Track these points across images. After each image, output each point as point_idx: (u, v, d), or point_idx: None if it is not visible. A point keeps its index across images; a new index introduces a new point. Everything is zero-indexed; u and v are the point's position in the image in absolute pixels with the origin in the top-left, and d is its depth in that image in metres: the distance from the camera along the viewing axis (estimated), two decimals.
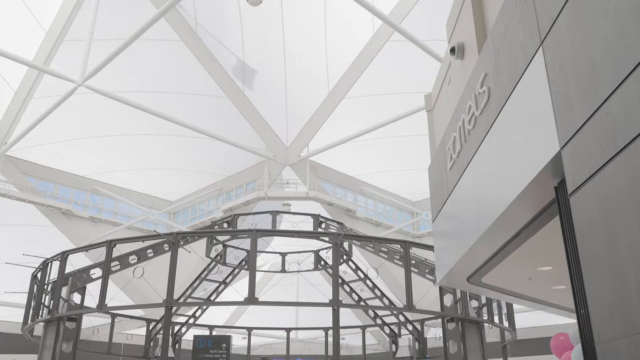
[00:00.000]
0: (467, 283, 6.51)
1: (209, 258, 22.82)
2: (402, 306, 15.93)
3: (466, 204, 5.53)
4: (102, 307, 15.93)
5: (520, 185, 4.07)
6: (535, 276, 6.20)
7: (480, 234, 5.19)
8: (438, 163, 6.52)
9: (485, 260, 5.84)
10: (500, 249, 5.49)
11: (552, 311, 8.42)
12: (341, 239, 16.53)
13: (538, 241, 5.24)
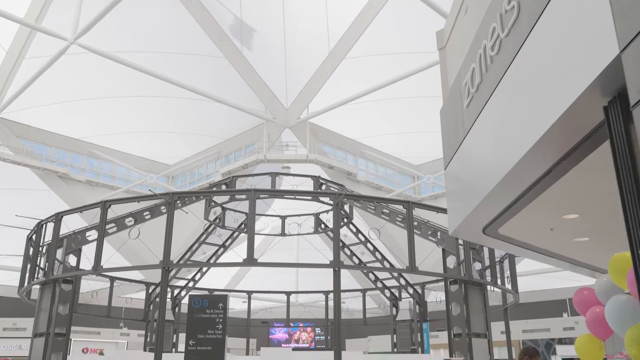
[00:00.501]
0: (482, 234, 5.94)
1: (207, 221, 22.35)
2: (405, 268, 15.46)
3: (486, 143, 4.92)
4: (97, 268, 15.47)
5: (557, 111, 3.45)
6: (558, 226, 5.62)
7: (502, 176, 4.59)
8: (452, 103, 5.88)
9: (504, 208, 5.26)
10: (524, 193, 4.90)
11: (574, 269, 7.90)
12: (342, 199, 15.97)
13: (566, 184, 4.65)
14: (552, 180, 4.58)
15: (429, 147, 29.98)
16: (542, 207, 5.21)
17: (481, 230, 5.87)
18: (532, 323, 31.05)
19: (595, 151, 3.95)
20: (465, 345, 16.27)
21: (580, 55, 3.16)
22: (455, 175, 5.88)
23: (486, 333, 17.18)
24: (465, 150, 5.48)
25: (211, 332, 9.15)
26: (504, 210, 5.37)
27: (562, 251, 6.42)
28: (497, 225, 5.70)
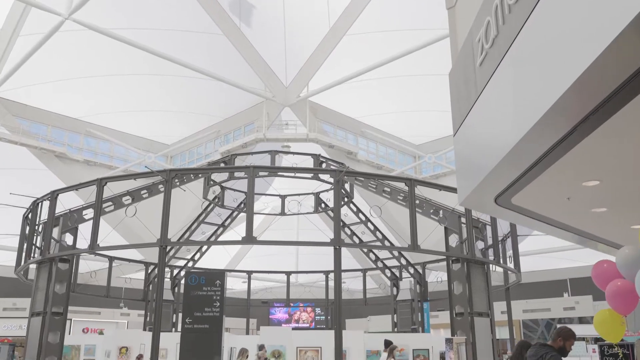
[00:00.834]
0: (494, 205, 5.55)
1: (206, 200, 22.00)
2: (407, 246, 15.14)
3: (501, 104, 4.52)
4: (94, 247, 15.14)
5: (589, 57, 3.04)
6: (576, 195, 5.24)
7: (518, 139, 4.21)
8: (463, 63, 5.46)
9: (519, 175, 4.87)
10: (541, 158, 4.51)
11: (586, 245, 7.56)
12: (343, 176, 15.59)
13: (587, 148, 4.26)
14: (574, 143, 4.20)
15: (431, 126, 29.55)
16: (560, 173, 4.83)
17: (493, 199, 5.49)
18: (532, 303, 30.88)
19: (620, 111, 3.56)
20: (467, 324, 16.01)
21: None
22: (465, 142, 5.48)
23: (488, 312, 16.92)
24: (477, 113, 5.08)
25: (208, 310, 8.83)
26: (519, 177, 4.99)
27: (578, 224, 6.05)
28: (510, 194, 5.31)
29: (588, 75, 3.11)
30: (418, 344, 18.76)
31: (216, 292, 8.96)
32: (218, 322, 8.83)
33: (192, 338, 8.74)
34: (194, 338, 8.74)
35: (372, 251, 25.26)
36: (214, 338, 8.75)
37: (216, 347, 8.69)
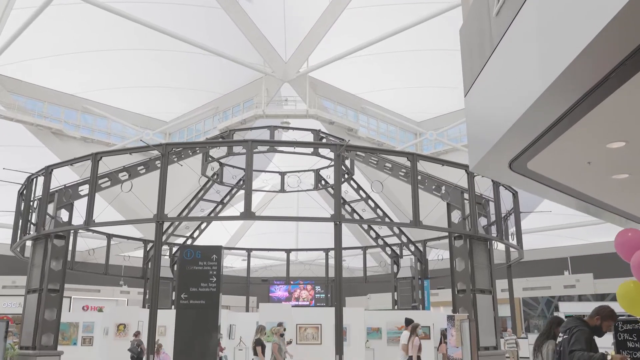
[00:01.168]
0: (507, 170, 5.14)
1: (205, 177, 21.61)
2: (409, 222, 14.77)
3: (519, 57, 4.09)
4: (89, 223, 14.78)
5: (614, 8, 2.63)
6: (598, 158, 4.83)
7: (537, 96, 3.79)
8: (476, 15, 5.01)
9: (539, 135, 4.45)
10: (562, 117, 4.10)
11: (601, 216, 7.17)
12: (344, 150, 15.17)
13: (616, 102, 3.84)
14: (602, 97, 3.78)
15: (432, 103, 29.04)
16: (583, 133, 4.41)
17: (507, 165, 5.07)
18: (533, 281, 30.72)
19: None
20: (469, 301, 15.72)
21: None
22: (478, 101, 5.05)
23: (491, 289, 16.63)
24: (492, 68, 4.64)
25: (205, 285, 8.48)
26: (537, 138, 4.57)
27: (595, 192, 5.65)
28: (526, 158, 4.89)
29: (627, 12, 2.69)
30: (419, 321, 18.47)
31: (212, 267, 8.60)
32: (215, 297, 8.48)
33: (187, 314, 8.40)
34: (189, 314, 8.40)
35: (372, 229, 24.93)
36: (211, 314, 8.41)
37: (213, 323, 8.35)
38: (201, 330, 8.34)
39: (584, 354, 4.68)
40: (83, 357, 19.08)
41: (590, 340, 4.84)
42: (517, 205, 19.10)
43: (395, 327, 18.39)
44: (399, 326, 18.57)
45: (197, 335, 8.31)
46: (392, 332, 18.40)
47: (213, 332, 8.34)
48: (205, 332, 8.34)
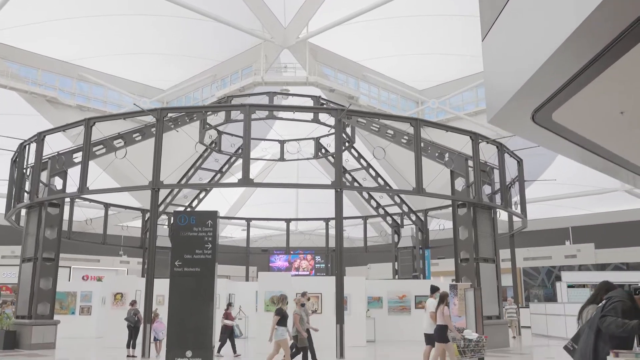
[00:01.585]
0: (530, 122, 4.61)
1: (202, 145, 21.07)
2: (411, 189, 14.30)
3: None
4: (83, 190, 14.31)
5: None
6: (633, 108, 4.30)
7: (575, 27, 3.25)
8: None
9: (569, 79, 3.91)
10: (599, 55, 3.56)
11: (617, 176, 6.67)
12: (345, 115, 14.60)
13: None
14: (635, 41, 3.27)
15: (434, 70, 28.29)
16: (618, 77, 3.88)
17: (530, 115, 4.53)
18: (533, 251, 30.41)
19: None
20: (472, 270, 15.37)
21: None
22: (498, 45, 4.50)
23: (494, 258, 16.28)
24: (515, 6, 4.08)
25: (200, 252, 8.04)
26: (566, 84, 4.03)
27: (626, 149, 5.14)
28: (552, 107, 4.36)
29: None
30: (420, 291, 18.21)
31: (207, 233, 8.13)
32: (210, 265, 8.03)
33: (182, 282, 7.97)
34: (184, 282, 7.97)
35: (373, 198, 24.51)
36: (206, 282, 7.98)
37: (209, 291, 7.92)
38: (196, 299, 7.92)
39: (617, 320, 4.19)
40: (81, 326, 18.84)
41: (629, 313, 4.29)
42: (522, 173, 18.63)
43: (396, 297, 18.11)
44: (400, 295, 18.31)
45: (193, 304, 7.89)
46: (392, 301, 18.12)
47: (209, 300, 7.92)
48: (200, 300, 7.92)
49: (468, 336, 9.93)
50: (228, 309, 13.60)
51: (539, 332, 20.14)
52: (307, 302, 11.50)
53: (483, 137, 16.18)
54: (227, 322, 13.30)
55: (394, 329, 17.71)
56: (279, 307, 10.08)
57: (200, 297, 7.92)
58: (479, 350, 9.93)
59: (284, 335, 9.92)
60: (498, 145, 16.67)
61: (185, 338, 7.80)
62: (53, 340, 14.96)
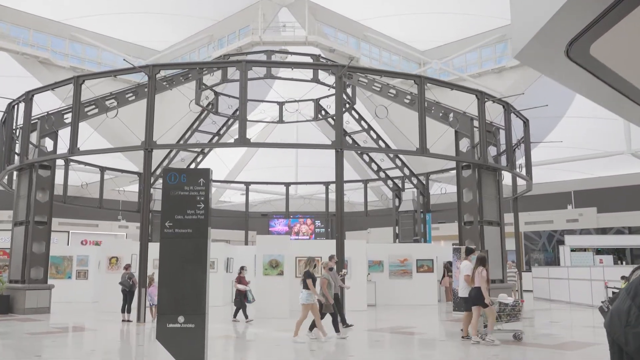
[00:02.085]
0: (563, 57, 3.90)
1: (199, 106, 20.33)
2: (415, 150, 13.68)
3: None
4: (73, 151, 13.69)
5: None
6: None
7: None
8: None
9: (612, 3, 3.23)
10: None
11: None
12: (346, 71, 13.89)
13: None
14: None
15: (437, 31, 27.28)
16: None
17: (564, 49, 3.83)
18: (535, 215, 29.95)
19: None
20: (476, 233, 14.87)
21: None
22: None
23: (499, 221, 15.78)
24: None
25: (191, 212, 7.46)
26: (611, 6, 3.34)
27: None
28: (591, 37, 3.66)
29: None
30: (422, 254, 17.81)
31: (200, 192, 7.54)
32: (203, 226, 7.47)
33: (173, 244, 7.42)
34: (175, 244, 7.42)
35: (374, 161, 23.93)
36: (199, 244, 7.43)
37: (202, 254, 7.38)
38: (188, 262, 7.38)
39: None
40: (78, 291, 18.49)
41: None
42: (528, 133, 17.98)
43: (397, 260, 17.69)
44: (401, 259, 17.90)
45: (184, 267, 7.36)
46: (394, 265, 17.71)
47: (202, 264, 7.39)
48: (193, 264, 7.38)
49: (503, 301, 9.53)
50: (241, 273, 13.11)
51: (541, 296, 19.83)
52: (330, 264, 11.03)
53: (489, 96, 15.48)
54: (240, 286, 12.85)
55: (395, 293, 17.35)
56: (307, 270, 9.64)
57: (192, 259, 7.38)
58: (515, 314, 9.53)
59: (312, 299, 9.43)
60: (504, 104, 15.98)
61: (177, 303, 7.30)
62: (47, 304, 14.57)
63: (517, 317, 9.54)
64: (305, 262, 9.95)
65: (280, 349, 8.92)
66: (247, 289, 12.92)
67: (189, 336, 7.35)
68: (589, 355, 8.21)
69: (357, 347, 9.13)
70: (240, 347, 9.51)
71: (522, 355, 8.24)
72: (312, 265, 9.81)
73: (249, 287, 12.99)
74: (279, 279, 13.37)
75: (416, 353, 8.84)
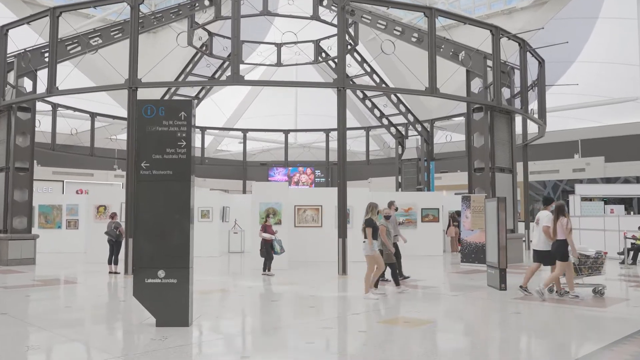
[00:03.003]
0: None
1: (191, 47, 18.83)
2: (424, 89, 12.39)
3: None
4: (52, 90, 12.40)
5: None
6: None
7: None
8: None
9: None
10: None
11: None
12: (348, 2, 12.44)
13: None
14: None
15: None
16: None
17: None
18: (540, 165, 28.79)
19: None
20: (487, 180, 13.78)
21: None
22: None
23: (511, 168, 14.66)
24: None
25: (171, 151, 6.30)
26: None
27: None
28: None
29: None
30: (427, 203, 16.74)
31: (181, 127, 6.37)
32: (185, 167, 6.34)
33: (150, 188, 6.30)
34: (153, 188, 6.29)
35: (376, 107, 22.59)
36: (181, 188, 6.31)
37: (184, 200, 6.28)
38: (169, 208, 6.28)
39: None
40: (68, 241, 17.55)
41: None
42: (543, 74, 16.61)
43: (401, 209, 16.64)
44: (406, 208, 16.86)
45: (164, 215, 6.26)
46: (398, 214, 16.60)
47: (185, 210, 6.29)
48: (174, 210, 6.28)
49: (585, 252, 8.56)
50: (267, 221, 11.73)
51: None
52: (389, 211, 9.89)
53: (505, 32, 14.04)
54: (265, 235, 11.43)
55: (399, 243, 16.38)
56: (368, 218, 8.47)
57: (173, 206, 6.27)
58: (597, 268, 8.56)
59: (374, 249, 8.37)
60: (520, 41, 14.56)
61: (156, 256, 6.23)
62: (32, 255, 13.60)
63: (598, 271, 8.58)
64: (368, 208, 8.64)
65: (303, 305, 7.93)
66: (273, 237, 11.51)
67: (171, 293, 6.31)
68: None
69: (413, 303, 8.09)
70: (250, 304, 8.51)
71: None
72: (375, 212, 8.58)
73: (276, 236, 11.62)
74: (277, 229, 12.35)
75: (506, 310, 7.82)
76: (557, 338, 5.67)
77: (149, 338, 5.60)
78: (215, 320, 6.78)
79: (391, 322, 6.54)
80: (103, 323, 6.79)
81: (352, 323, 6.61)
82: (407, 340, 5.54)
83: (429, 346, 5.39)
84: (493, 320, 7.01)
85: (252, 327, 6.63)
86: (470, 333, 6.31)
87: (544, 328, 6.15)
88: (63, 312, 7.37)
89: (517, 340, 5.89)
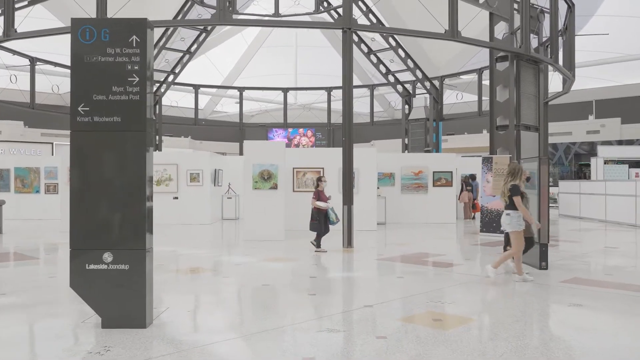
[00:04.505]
0: None
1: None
2: (444, 32, 10.42)
3: None
4: (9, 34, 10.45)
5: None
6: None
7: None
8: None
9: None
10: None
11: None
12: None
13: None
14: None
15: None
16: None
17: None
18: (552, 126, 26.81)
19: None
20: (512, 139, 11.93)
21: None
22: None
23: (537, 126, 12.79)
24: None
25: (119, 90, 4.46)
26: None
27: None
28: None
29: None
30: (439, 166, 14.93)
31: (133, 58, 4.51)
32: (139, 111, 4.50)
33: (90, 140, 4.47)
34: (94, 140, 4.46)
35: (382, 63, 20.56)
36: (134, 140, 4.49)
37: (140, 158, 4.45)
38: (117, 170, 4.48)
39: None
40: (46, 207, 15.83)
41: None
42: (573, 21, 14.54)
43: (411, 173, 14.87)
44: (416, 171, 15.07)
45: (112, 179, 4.46)
46: (407, 177, 14.89)
47: (140, 171, 4.49)
48: (123, 172, 4.48)
49: None
50: (319, 187, 9.39)
51: (568, 213, 17.20)
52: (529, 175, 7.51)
53: None
54: (319, 203, 9.23)
55: (408, 210, 14.68)
56: (514, 184, 6.42)
57: (124, 165, 4.46)
58: None
59: (521, 225, 6.46)
60: None
61: (101, 233, 4.45)
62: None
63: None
64: (511, 172, 6.54)
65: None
66: (328, 206, 9.28)
67: (122, 283, 4.53)
68: None
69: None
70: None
71: None
72: (518, 175, 6.47)
73: (330, 205, 9.31)
74: (272, 194, 10.60)
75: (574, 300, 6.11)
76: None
77: (84, 350, 3.88)
78: (185, 317, 5.02)
79: (408, 321, 4.81)
80: (32, 321, 5.00)
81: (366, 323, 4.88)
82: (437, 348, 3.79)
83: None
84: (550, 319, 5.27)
85: (237, 328, 4.87)
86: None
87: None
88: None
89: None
